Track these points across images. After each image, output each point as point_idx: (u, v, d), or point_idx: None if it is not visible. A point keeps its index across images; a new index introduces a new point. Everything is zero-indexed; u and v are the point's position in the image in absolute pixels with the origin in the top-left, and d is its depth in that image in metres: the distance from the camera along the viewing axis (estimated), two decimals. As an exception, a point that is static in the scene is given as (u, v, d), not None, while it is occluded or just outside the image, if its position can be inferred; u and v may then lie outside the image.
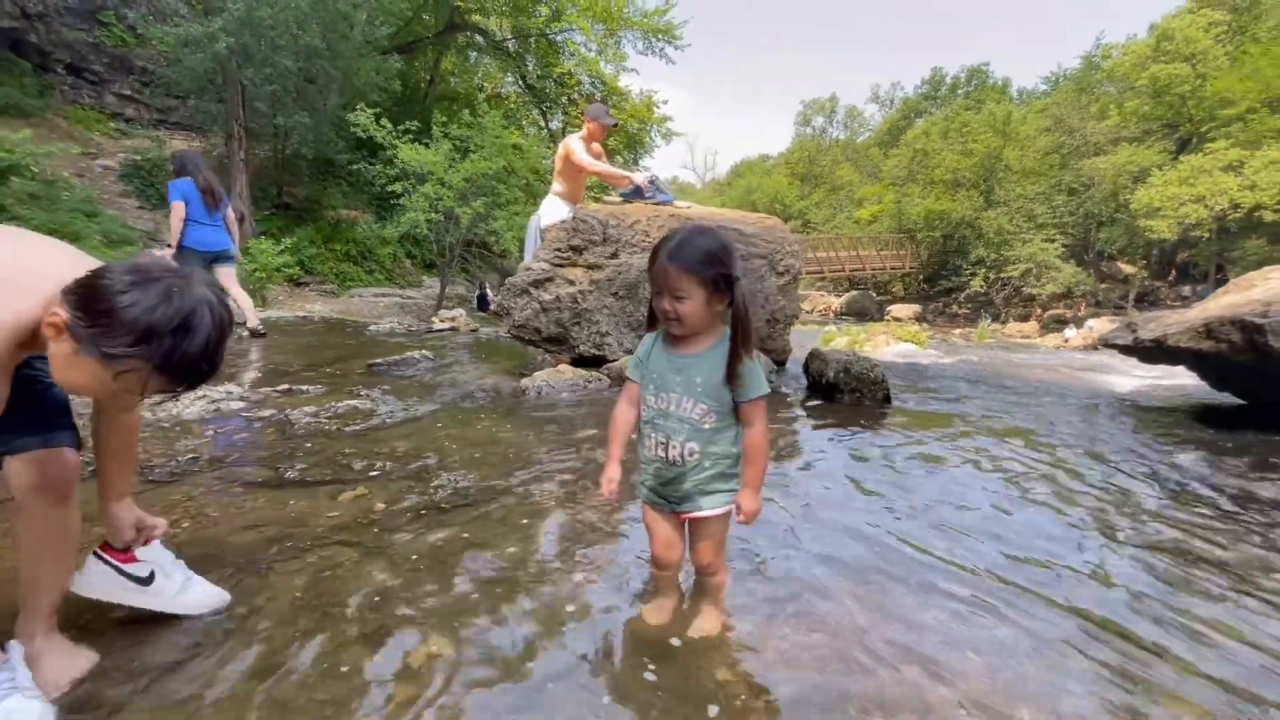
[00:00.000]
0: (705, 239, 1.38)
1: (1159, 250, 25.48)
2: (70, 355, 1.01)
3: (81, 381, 1.04)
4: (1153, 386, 6.00)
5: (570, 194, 5.41)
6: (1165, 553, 2.00)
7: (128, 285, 0.99)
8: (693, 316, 1.38)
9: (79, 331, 0.99)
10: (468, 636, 1.36)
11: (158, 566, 1.35)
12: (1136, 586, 1.76)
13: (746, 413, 1.43)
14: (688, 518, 1.50)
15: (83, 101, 15.32)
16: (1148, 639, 1.49)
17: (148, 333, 0.98)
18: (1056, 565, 1.86)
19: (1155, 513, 2.35)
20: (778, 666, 1.32)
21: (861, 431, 3.24)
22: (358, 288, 14.01)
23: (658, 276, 1.38)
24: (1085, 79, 30.44)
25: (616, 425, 1.55)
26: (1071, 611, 1.60)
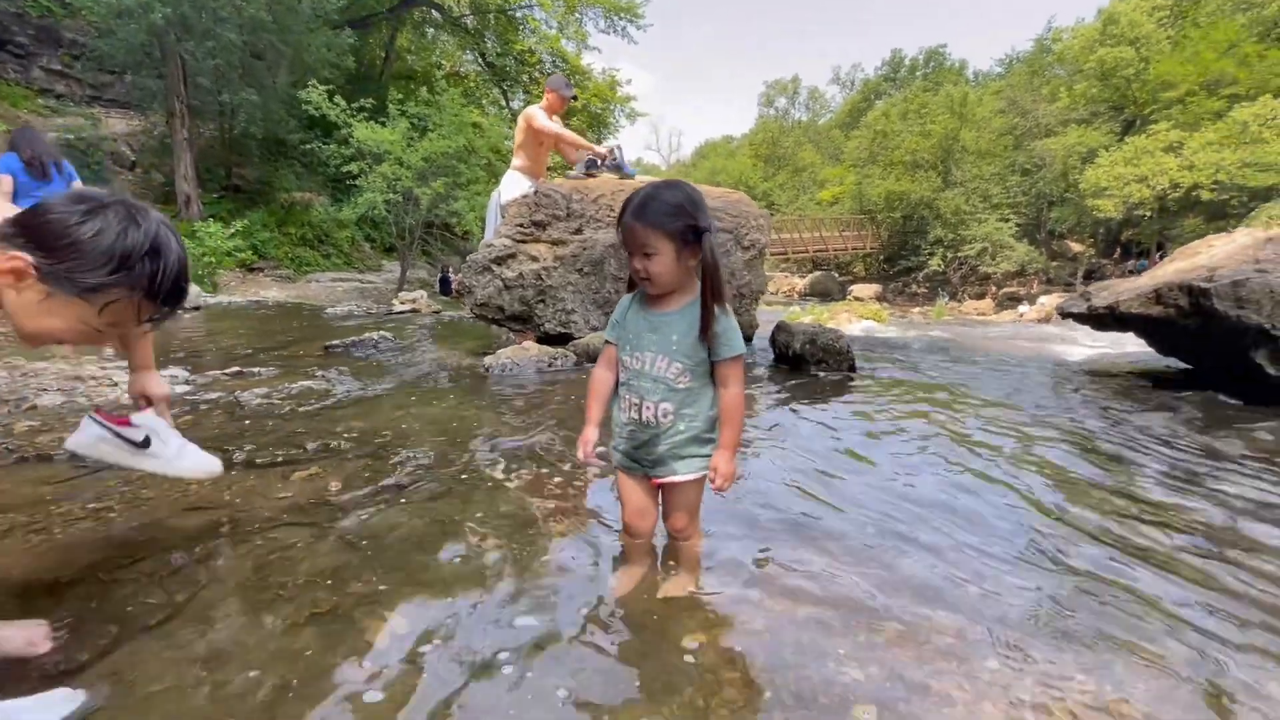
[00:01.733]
0: (670, 192, 1.34)
1: (1105, 229, 26.49)
2: (41, 301, 0.94)
3: (60, 327, 0.97)
4: (1103, 355, 6.23)
5: (532, 168, 5.27)
6: (1138, 505, 2.05)
7: (84, 215, 0.93)
8: (664, 273, 1.34)
9: (50, 271, 0.92)
10: (427, 614, 1.29)
11: (153, 432, 1.33)
12: (1115, 542, 1.80)
13: (722, 372, 1.39)
14: (661, 483, 1.47)
15: (7, 76, 14.32)
16: (1146, 590, 1.52)
17: (125, 258, 0.94)
18: (1024, 525, 1.89)
19: (1123, 469, 2.42)
20: (749, 628, 1.30)
21: (829, 399, 3.26)
22: (315, 272, 13.55)
23: (626, 234, 1.34)
24: (1037, 61, 31.24)
25: (595, 387, 1.50)
26: (1047, 568, 1.62)
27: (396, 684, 1.09)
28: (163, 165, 13.26)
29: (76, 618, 1.23)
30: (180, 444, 1.39)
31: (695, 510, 1.53)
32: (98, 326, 1.00)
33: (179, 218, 12.22)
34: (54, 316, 0.96)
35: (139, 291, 0.98)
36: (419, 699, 1.06)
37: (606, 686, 1.11)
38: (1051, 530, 1.85)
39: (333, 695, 1.06)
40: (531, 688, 1.10)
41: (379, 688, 1.08)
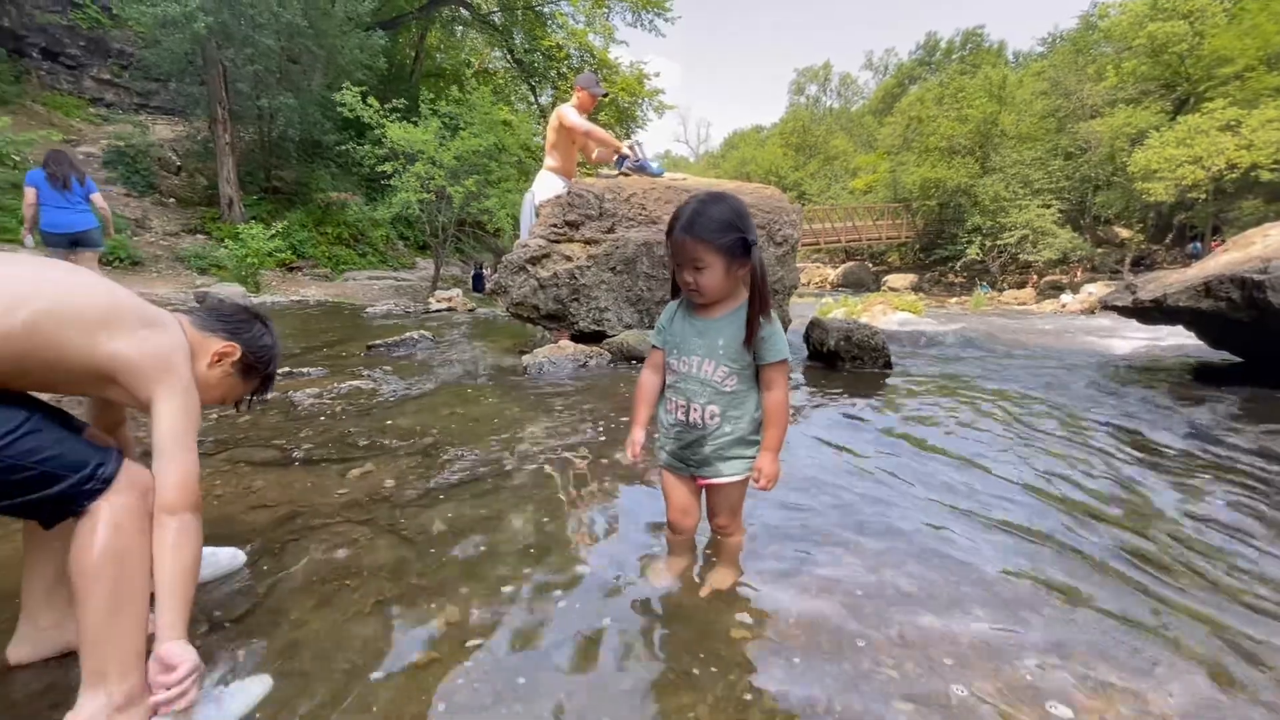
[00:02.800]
0: (719, 207, 1.36)
1: (1156, 213, 25.37)
2: (222, 378, 1.27)
3: (214, 398, 1.29)
4: (1150, 347, 6.02)
5: (565, 168, 5.32)
6: (1199, 503, 2.02)
7: (262, 328, 1.35)
8: (713, 286, 1.38)
9: (246, 360, 1.29)
10: (482, 604, 1.37)
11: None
12: (1178, 543, 1.78)
13: (767, 375, 1.43)
14: (705, 483, 1.51)
15: (60, 87, 15.01)
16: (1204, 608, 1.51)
17: (274, 363, 1.37)
18: (1072, 528, 1.88)
19: (1173, 469, 2.37)
20: (790, 619, 1.34)
21: (864, 397, 3.25)
22: (351, 271, 13.89)
23: (676, 249, 1.37)
24: (1082, 40, 29.93)
25: (642, 391, 1.55)
26: (1103, 568, 1.62)
27: (457, 668, 1.16)
28: (206, 169, 13.74)
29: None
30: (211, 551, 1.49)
31: (738, 509, 1.57)
32: (229, 399, 1.33)
33: (222, 220, 12.66)
34: (217, 390, 1.28)
35: (268, 382, 1.39)
36: (478, 682, 1.13)
37: (653, 672, 1.17)
38: (1102, 536, 1.83)
39: (400, 678, 1.14)
40: (582, 672, 1.16)
41: (441, 672, 1.15)
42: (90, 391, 1.12)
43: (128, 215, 11.67)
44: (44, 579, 1.16)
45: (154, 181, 13.33)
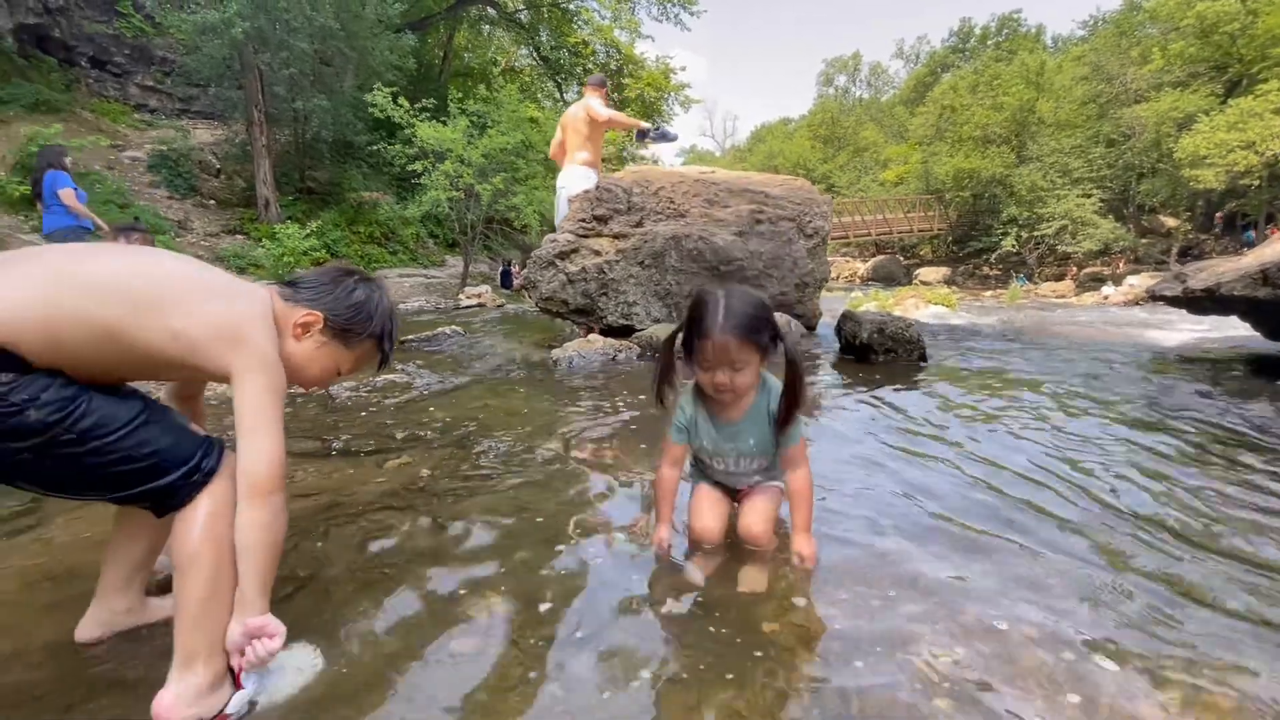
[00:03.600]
0: (749, 303, 1.34)
1: (1204, 201, 24.31)
2: (316, 349, 1.19)
3: (318, 370, 1.22)
4: (1201, 339, 5.77)
5: (595, 161, 5.34)
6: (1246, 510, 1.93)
7: (353, 283, 1.24)
8: (749, 384, 1.38)
9: (335, 326, 1.20)
10: (517, 592, 1.38)
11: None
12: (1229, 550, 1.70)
13: (790, 455, 1.45)
14: (744, 491, 1.55)
15: (107, 94, 15.58)
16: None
17: (379, 321, 1.24)
18: (1118, 527, 1.81)
19: (1231, 469, 2.27)
20: (825, 616, 1.31)
21: (899, 390, 3.19)
22: (382, 269, 14.15)
23: (719, 351, 1.32)
24: (1126, 21, 28.78)
25: (662, 488, 1.56)
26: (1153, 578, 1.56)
27: (496, 655, 1.17)
28: (244, 171, 14.12)
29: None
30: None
31: (774, 517, 1.56)
32: (344, 369, 1.26)
33: (259, 220, 13.02)
34: (318, 362, 1.21)
35: (382, 341, 1.26)
36: (515, 668, 1.14)
37: (690, 664, 1.16)
38: (1148, 533, 1.76)
39: (440, 664, 1.15)
40: (618, 661, 1.16)
41: (479, 658, 1.16)
42: (168, 377, 1.13)
43: (170, 217, 12.08)
44: (125, 566, 1.20)
45: (195, 184, 13.77)
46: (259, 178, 13.12)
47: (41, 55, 14.16)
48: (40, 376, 0.89)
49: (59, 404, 0.89)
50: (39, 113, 12.61)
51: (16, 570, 1.48)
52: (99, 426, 0.93)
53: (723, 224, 4.77)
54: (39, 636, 1.23)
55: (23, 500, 1.91)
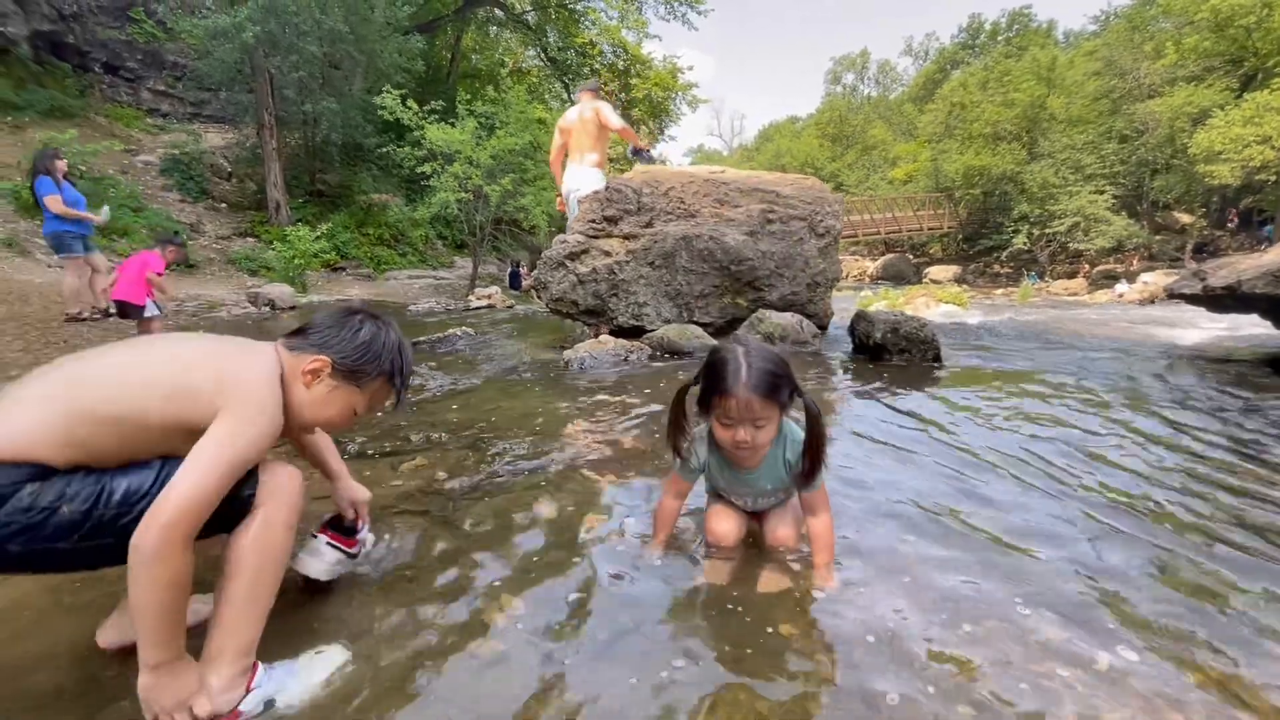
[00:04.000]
0: (770, 361, 1.33)
1: (1220, 197, 23.98)
2: (328, 394, 1.18)
3: (334, 414, 1.21)
4: (1221, 338, 5.68)
5: (603, 163, 5.36)
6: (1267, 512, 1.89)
7: (357, 324, 1.22)
8: (768, 442, 1.38)
9: (341, 368, 1.18)
10: (534, 594, 1.37)
11: (362, 544, 1.47)
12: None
13: (811, 502, 1.45)
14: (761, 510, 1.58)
15: (120, 99, 15.76)
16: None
17: (390, 354, 1.23)
18: (1144, 536, 1.78)
19: (1256, 471, 2.23)
20: (844, 619, 1.30)
21: (914, 391, 3.16)
22: (392, 270, 14.23)
23: (742, 408, 1.31)
24: (1139, 16, 28.42)
25: (662, 516, 1.57)
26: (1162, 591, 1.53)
27: (515, 658, 1.17)
28: (255, 174, 14.25)
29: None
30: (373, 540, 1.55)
31: (800, 522, 1.55)
32: (360, 409, 1.24)
33: (270, 223, 13.12)
34: (333, 406, 1.20)
35: (393, 378, 1.24)
36: (532, 670, 1.13)
37: (708, 666, 1.15)
38: (1174, 542, 1.73)
39: (458, 665, 1.15)
40: (637, 663, 1.15)
41: (500, 661, 1.16)
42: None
43: (183, 220, 12.20)
44: None
45: (206, 188, 13.90)
46: (269, 181, 13.23)
47: (56, 61, 14.34)
48: (62, 476, 0.97)
49: (87, 493, 0.97)
50: (54, 118, 12.78)
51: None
52: (132, 494, 0.99)
53: (733, 224, 4.75)
54: (63, 639, 1.23)
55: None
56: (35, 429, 0.96)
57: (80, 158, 10.18)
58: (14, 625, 1.28)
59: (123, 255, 9.86)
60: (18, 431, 0.95)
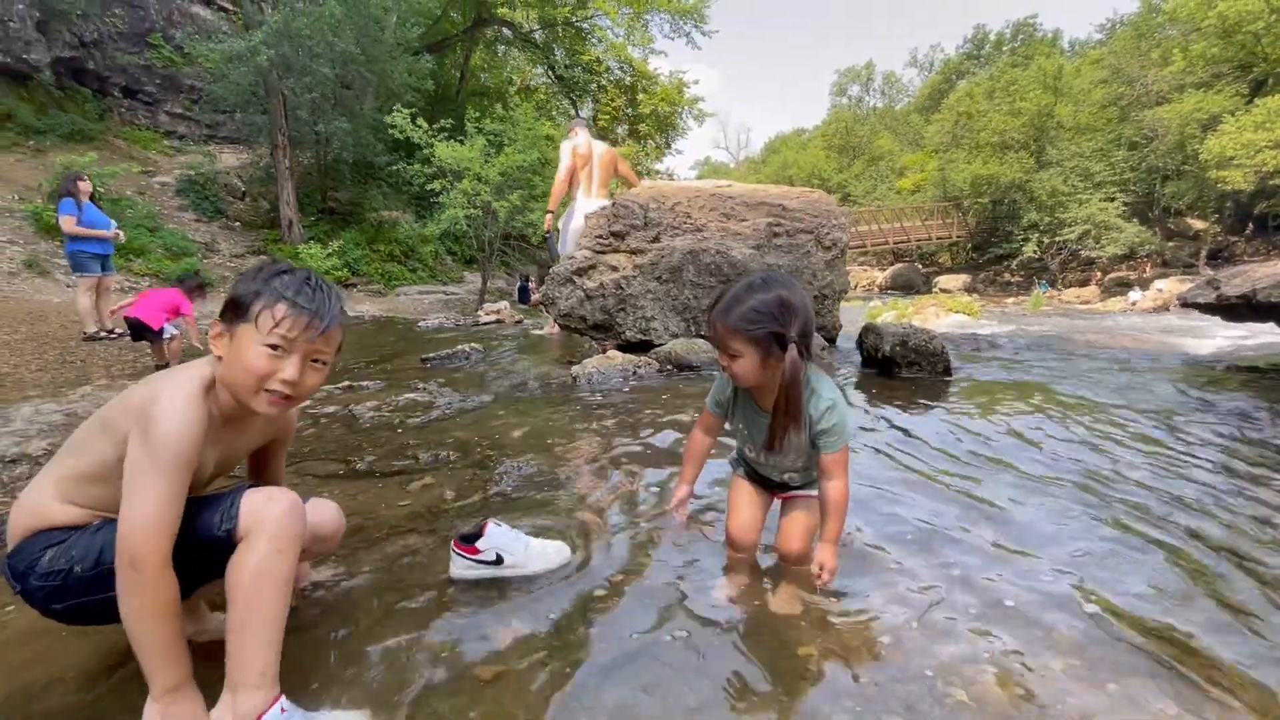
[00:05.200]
0: (759, 295, 1.28)
1: (1233, 203, 23.76)
2: (229, 347, 1.09)
3: (249, 358, 1.08)
4: (1238, 346, 5.60)
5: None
6: None
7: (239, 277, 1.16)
8: (748, 374, 1.33)
9: (226, 319, 1.10)
10: (543, 617, 1.36)
11: (499, 549, 1.51)
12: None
13: (827, 463, 1.39)
14: (785, 496, 1.50)
15: (138, 122, 16.11)
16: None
17: (259, 278, 1.10)
18: (1169, 562, 1.75)
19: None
20: (860, 639, 1.28)
21: (924, 406, 3.13)
22: (403, 286, 14.35)
23: (710, 331, 1.34)
24: (1145, 24, 28.42)
25: (693, 449, 1.55)
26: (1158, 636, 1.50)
27: (525, 681, 1.15)
28: (268, 193, 14.48)
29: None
30: (526, 546, 1.55)
31: (812, 534, 1.52)
32: (264, 341, 1.07)
33: (283, 241, 13.31)
34: (240, 357, 1.08)
35: (273, 296, 1.07)
36: (545, 694, 1.12)
37: (719, 689, 1.13)
38: (1201, 561, 1.70)
39: (466, 692, 1.14)
40: (646, 687, 1.13)
41: (506, 686, 1.15)
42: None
43: (198, 240, 12.40)
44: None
45: (221, 207, 14.14)
46: (282, 199, 13.43)
47: (77, 86, 14.70)
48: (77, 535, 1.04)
49: (93, 550, 1.02)
50: (74, 141, 13.08)
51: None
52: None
53: (740, 237, 4.76)
54: (74, 663, 1.24)
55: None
56: (39, 497, 1.04)
57: (100, 180, 10.39)
58: (29, 650, 1.28)
59: (139, 275, 10.05)
60: (31, 503, 1.04)
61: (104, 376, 4.37)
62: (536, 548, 1.56)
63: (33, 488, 1.10)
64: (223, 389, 1.13)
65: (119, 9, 15.26)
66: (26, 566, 1.02)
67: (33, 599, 1.04)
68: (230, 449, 1.24)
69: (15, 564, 1.04)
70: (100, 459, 1.06)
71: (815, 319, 4.83)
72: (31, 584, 1.02)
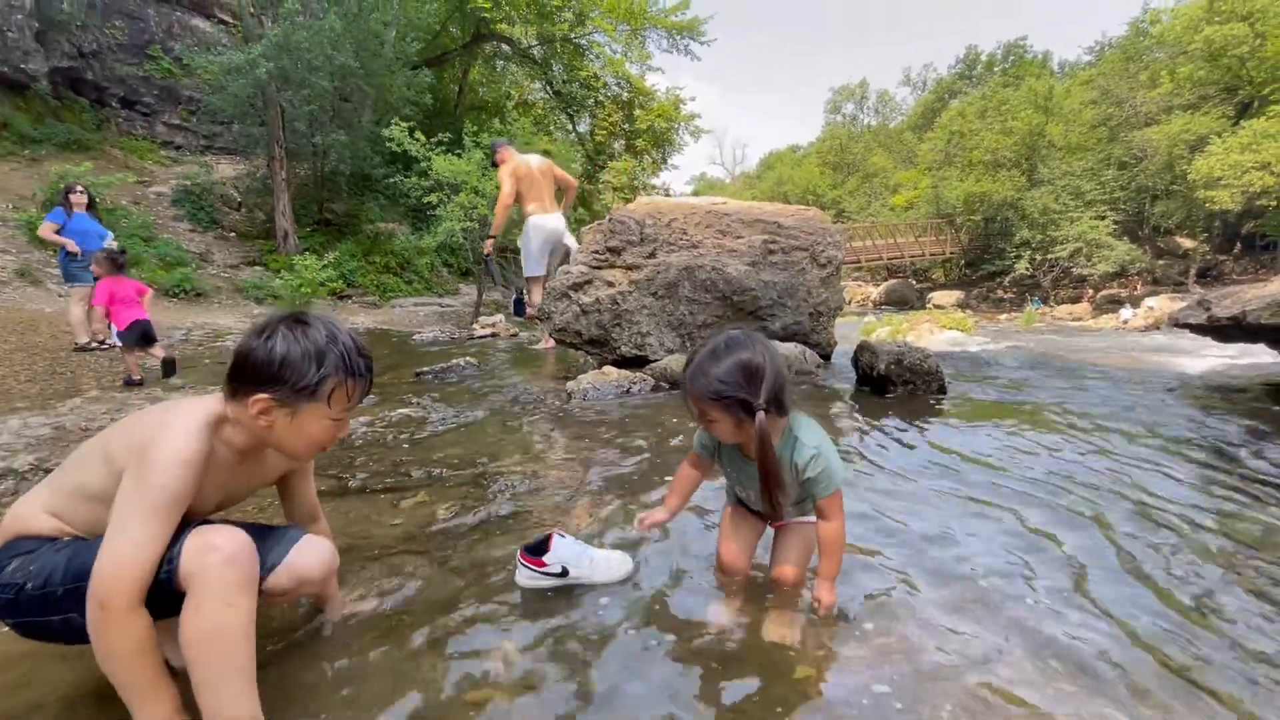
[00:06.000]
0: (723, 363, 1.28)
1: (1221, 222, 24.11)
2: (290, 421, 1.11)
3: (316, 432, 1.13)
4: (1228, 366, 5.65)
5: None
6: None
7: (266, 340, 1.09)
8: (726, 436, 1.35)
9: (284, 396, 1.08)
10: (535, 641, 1.35)
11: (564, 562, 1.54)
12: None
13: (822, 507, 1.39)
14: (779, 525, 1.50)
15: (135, 132, 16.11)
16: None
17: (318, 357, 1.09)
18: (1182, 582, 1.75)
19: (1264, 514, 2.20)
20: (851, 669, 1.27)
21: (918, 426, 3.13)
22: (398, 298, 14.32)
23: (688, 401, 1.34)
24: (1133, 47, 29.00)
25: (679, 481, 1.57)
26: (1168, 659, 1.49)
27: (517, 710, 1.14)
28: (264, 204, 14.47)
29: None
30: (590, 559, 1.57)
31: (807, 560, 1.52)
32: (335, 416, 1.14)
33: (278, 252, 13.29)
34: (306, 428, 1.12)
35: (343, 372, 1.11)
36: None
37: (712, 716, 1.12)
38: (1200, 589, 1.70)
39: (456, 716, 1.12)
40: (639, 715, 1.12)
41: (496, 711, 1.13)
42: None
43: (192, 250, 12.36)
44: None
45: (217, 218, 14.12)
46: (278, 210, 13.42)
47: (75, 96, 14.71)
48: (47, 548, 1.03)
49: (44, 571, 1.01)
50: (70, 151, 13.06)
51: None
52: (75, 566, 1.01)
53: (735, 254, 4.78)
54: (57, 690, 1.21)
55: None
56: (30, 505, 1.03)
57: (95, 190, 10.37)
58: (11, 676, 1.26)
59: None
60: (20, 510, 1.03)
61: (94, 388, 4.33)
62: (600, 559, 1.59)
63: (30, 495, 1.10)
64: (239, 431, 1.13)
65: (119, 21, 15.32)
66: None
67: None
68: (242, 483, 1.25)
69: None
70: (98, 484, 1.05)
71: (812, 335, 4.78)
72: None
